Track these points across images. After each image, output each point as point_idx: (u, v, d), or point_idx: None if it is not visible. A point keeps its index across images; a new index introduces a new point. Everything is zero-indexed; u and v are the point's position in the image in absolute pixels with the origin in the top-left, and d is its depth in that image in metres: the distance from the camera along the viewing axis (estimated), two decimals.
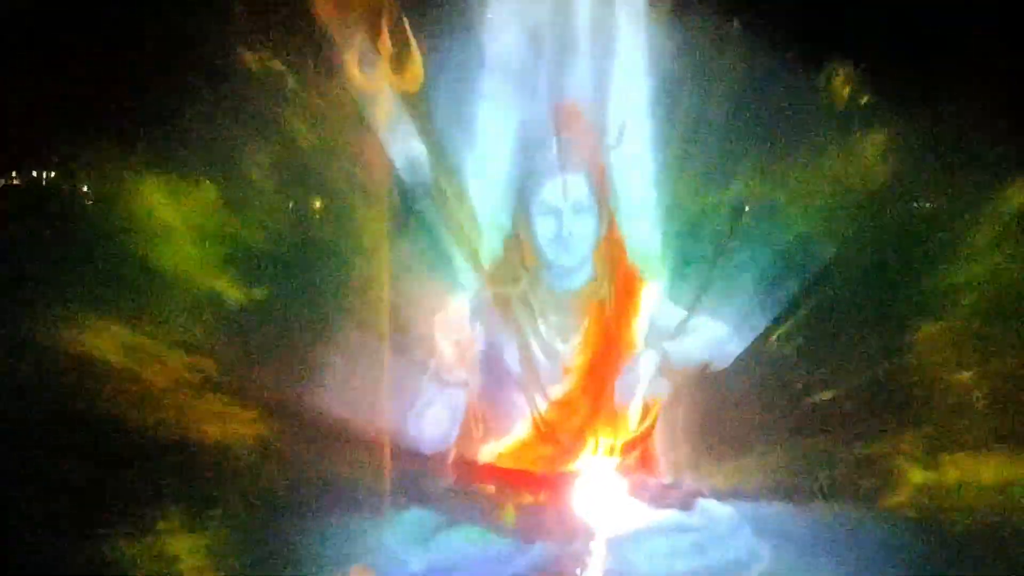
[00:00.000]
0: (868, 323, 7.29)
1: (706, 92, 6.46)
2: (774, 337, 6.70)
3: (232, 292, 6.71)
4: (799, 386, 7.19)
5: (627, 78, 6.10)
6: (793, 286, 6.67)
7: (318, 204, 6.78)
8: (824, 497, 6.51)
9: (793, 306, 6.74)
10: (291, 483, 6.84)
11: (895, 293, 7.41)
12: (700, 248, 6.66)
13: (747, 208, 6.82)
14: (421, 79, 5.95)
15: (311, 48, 6.21)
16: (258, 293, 6.93)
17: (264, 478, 6.72)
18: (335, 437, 6.54)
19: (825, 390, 7.07)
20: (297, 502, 6.63)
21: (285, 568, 5.90)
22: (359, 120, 6.07)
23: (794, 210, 7.06)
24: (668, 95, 6.21)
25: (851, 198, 6.94)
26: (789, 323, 6.81)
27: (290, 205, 6.68)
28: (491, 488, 6.19)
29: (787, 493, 6.46)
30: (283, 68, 6.37)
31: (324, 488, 6.73)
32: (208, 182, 6.95)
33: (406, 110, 6.11)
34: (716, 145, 6.53)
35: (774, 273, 6.76)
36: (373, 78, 6.02)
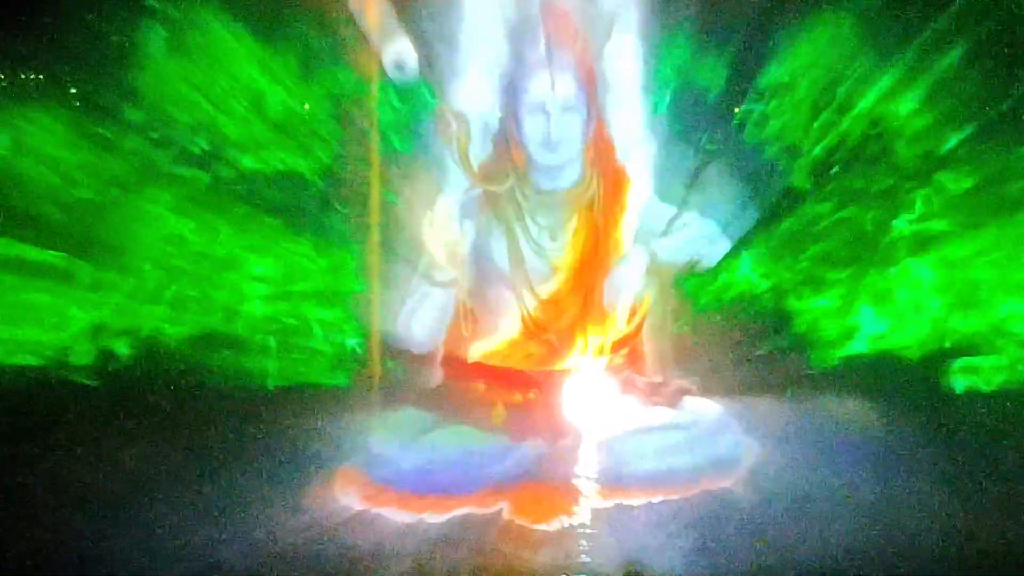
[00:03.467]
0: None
1: None
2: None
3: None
4: None
5: None
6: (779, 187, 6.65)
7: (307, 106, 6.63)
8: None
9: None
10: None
11: None
12: (688, 148, 6.59)
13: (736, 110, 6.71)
14: None
15: None
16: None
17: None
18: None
19: None
20: (286, 403, 6.59)
21: (275, 469, 5.85)
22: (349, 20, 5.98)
23: (777, 120, 6.98)
24: None
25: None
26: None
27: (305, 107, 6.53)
28: (480, 386, 6.16)
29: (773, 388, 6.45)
30: None
31: (313, 389, 6.69)
32: None
33: (394, 9, 5.99)
34: (706, 45, 6.46)
35: (759, 175, 6.75)
36: None
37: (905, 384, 6.59)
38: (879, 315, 6.74)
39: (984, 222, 6.40)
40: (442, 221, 5.87)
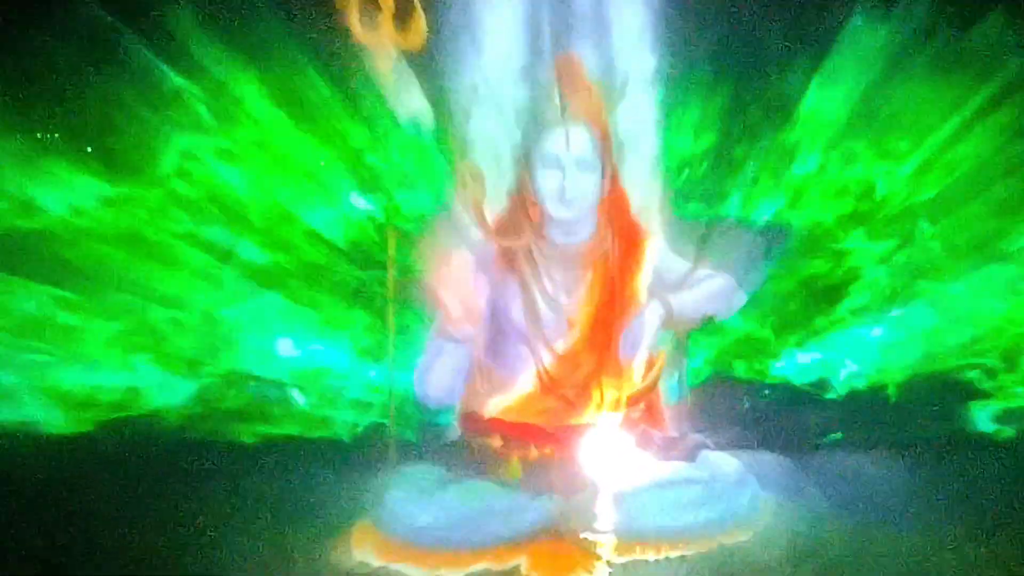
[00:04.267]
0: None
1: (708, 46, 6.50)
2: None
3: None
4: None
5: (629, 32, 6.07)
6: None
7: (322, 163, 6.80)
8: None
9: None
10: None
11: None
12: (702, 203, 6.67)
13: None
14: (424, 37, 5.92)
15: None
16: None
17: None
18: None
19: None
20: (302, 457, 6.65)
21: (291, 523, 5.88)
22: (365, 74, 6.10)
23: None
24: (671, 50, 6.19)
25: None
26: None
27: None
28: (497, 442, 6.18)
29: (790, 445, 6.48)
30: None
31: (329, 443, 6.75)
32: None
33: (409, 66, 6.09)
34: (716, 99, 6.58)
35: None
36: (376, 34, 5.98)
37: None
38: None
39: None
40: (457, 277, 5.88)
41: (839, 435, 6.95)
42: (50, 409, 6.92)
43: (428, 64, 6.21)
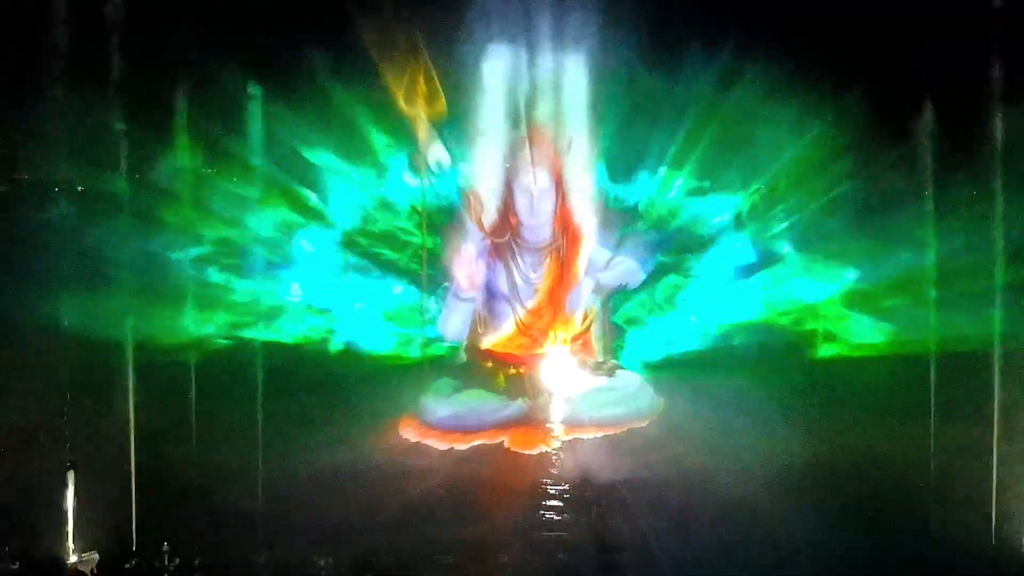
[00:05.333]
0: None
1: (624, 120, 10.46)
2: None
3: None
4: None
5: (575, 114, 9.95)
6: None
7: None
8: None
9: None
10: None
11: None
12: (620, 217, 10.73)
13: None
14: (445, 112, 9.67)
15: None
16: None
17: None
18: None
19: None
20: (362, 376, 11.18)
21: (365, 415, 9.92)
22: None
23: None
24: (602, 123, 10.09)
25: None
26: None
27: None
28: (489, 364, 10.55)
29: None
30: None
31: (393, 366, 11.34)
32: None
33: (435, 130, 9.93)
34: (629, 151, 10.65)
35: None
36: (414, 108, 9.73)
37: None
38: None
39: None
40: (465, 261, 9.75)
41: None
42: None
43: (446, 126, 9.99)
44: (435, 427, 11.12)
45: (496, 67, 11.06)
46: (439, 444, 10.97)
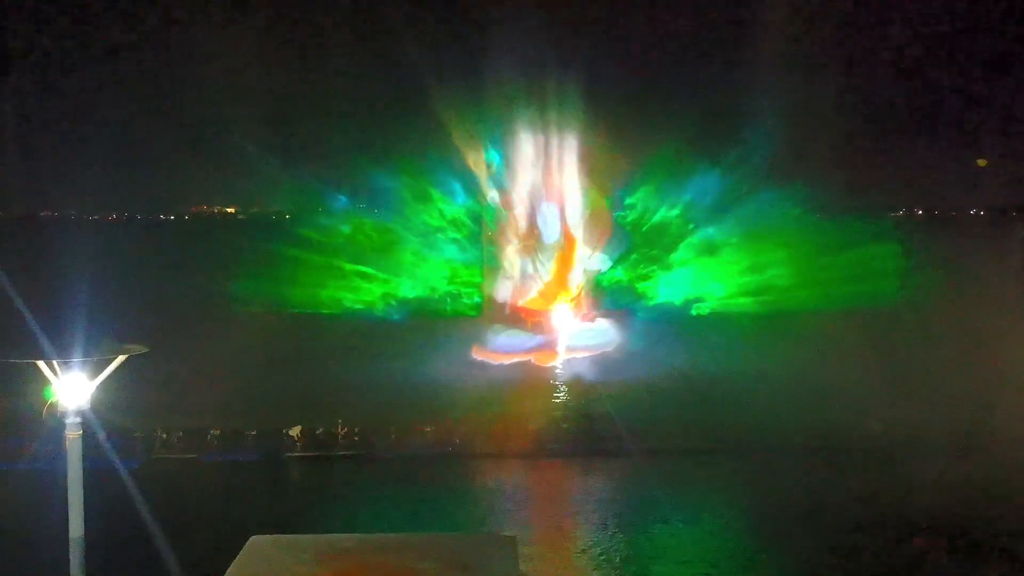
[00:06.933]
0: None
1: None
2: None
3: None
4: None
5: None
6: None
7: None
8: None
9: None
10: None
11: None
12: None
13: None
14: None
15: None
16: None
17: None
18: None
19: None
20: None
21: (444, 352, 54.12)
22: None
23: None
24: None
25: None
26: None
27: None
28: (521, 316, 64.99)
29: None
30: None
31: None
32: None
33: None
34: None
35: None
36: None
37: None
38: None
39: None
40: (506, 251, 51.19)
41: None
42: None
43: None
44: (493, 351, 56.01)
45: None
46: (495, 361, 54.33)
